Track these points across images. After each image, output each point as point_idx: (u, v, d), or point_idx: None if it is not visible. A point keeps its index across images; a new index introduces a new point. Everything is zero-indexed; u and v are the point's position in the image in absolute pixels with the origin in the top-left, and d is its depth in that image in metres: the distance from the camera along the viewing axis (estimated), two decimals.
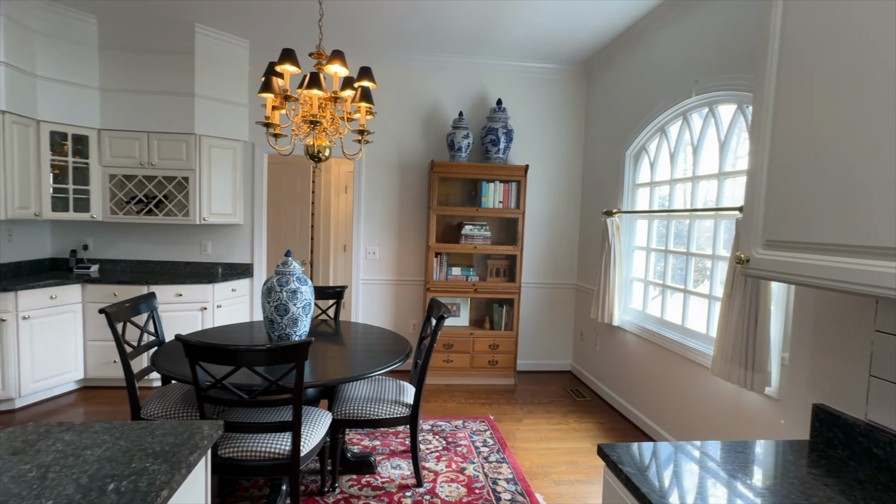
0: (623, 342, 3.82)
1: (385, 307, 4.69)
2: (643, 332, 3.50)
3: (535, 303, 4.80)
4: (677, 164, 3.32)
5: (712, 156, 3.00)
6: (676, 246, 3.34)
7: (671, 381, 3.16)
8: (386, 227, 4.64)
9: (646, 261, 3.65)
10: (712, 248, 2.90)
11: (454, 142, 4.28)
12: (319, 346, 2.66)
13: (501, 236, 4.65)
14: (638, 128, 3.66)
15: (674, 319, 3.27)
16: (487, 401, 4.02)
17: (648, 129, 3.54)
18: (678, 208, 3.24)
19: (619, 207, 3.92)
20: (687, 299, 3.12)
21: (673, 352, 3.14)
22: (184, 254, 4.49)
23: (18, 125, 3.54)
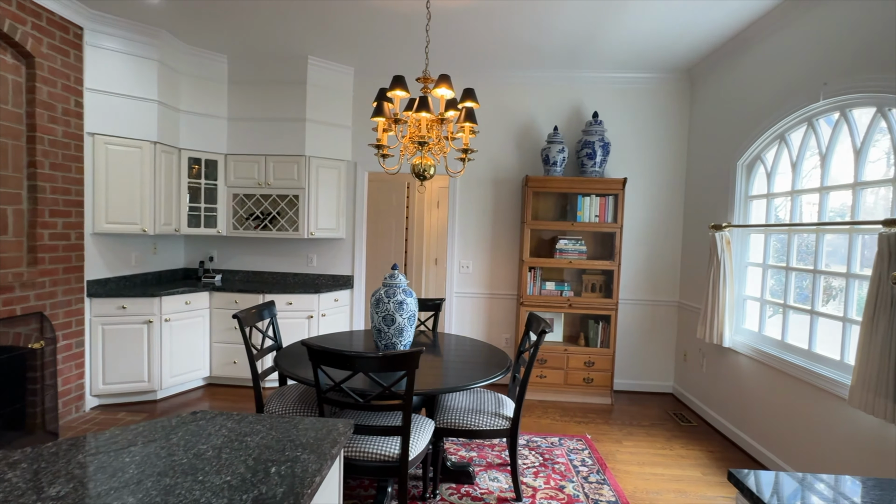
0: (735, 365, 3.55)
1: (478, 320, 4.74)
2: (760, 355, 3.23)
3: (634, 320, 4.61)
4: (800, 174, 3.05)
5: (844, 164, 2.73)
6: (800, 263, 3.06)
7: (796, 411, 2.88)
8: (479, 242, 4.71)
9: (762, 278, 3.38)
10: (847, 266, 2.62)
11: (549, 156, 4.28)
12: (427, 354, 2.76)
13: (597, 251, 4.53)
14: (752, 136, 3.42)
15: (798, 343, 2.98)
16: (583, 419, 3.90)
17: (765, 138, 3.30)
18: (805, 222, 2.97)
19: (729, 221, 3.67)
20: (815, 322, 2.84)
21: (798, 379, 2.86)
22: (292, 265, 4.88)
23: (166, 153, 4.09)
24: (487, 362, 2.68)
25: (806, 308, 2.92)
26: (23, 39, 3.08)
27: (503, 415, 2.64)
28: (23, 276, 3.09)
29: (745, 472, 1.25)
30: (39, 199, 3.23)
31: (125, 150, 3.80)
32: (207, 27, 3.79)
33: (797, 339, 3.03)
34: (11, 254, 3.10)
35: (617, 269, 4.22)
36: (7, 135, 3.06)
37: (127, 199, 3.83)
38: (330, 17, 3.52)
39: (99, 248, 3.82)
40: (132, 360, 3.81)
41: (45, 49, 3.24)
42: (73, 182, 3.50)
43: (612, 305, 4.25)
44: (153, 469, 1.11)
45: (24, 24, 3.09)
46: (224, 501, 0.99)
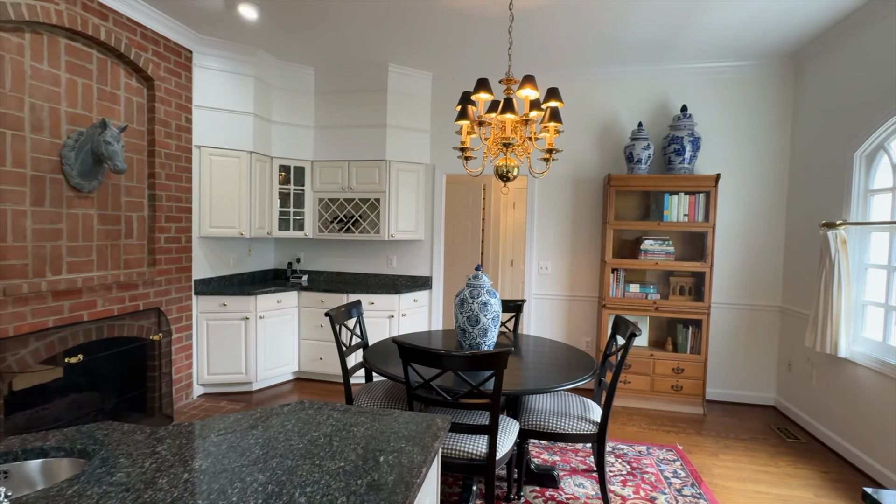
0: (853, 378, 3.20)
1: (557, 322, 4.65)
2: (885, 367, 2.89)
3: (728, 325, 4.30)
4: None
5: None
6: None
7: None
8: (558, 243, 4.62)
9: (887, 282, 3.02)
10: None
11: (633, 154, 4.11)
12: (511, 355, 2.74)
13: (686, 252, 4.28)
14: (873, 124, 3.08)
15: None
16: (672, 428, 3.69)
17: (890, 125, 2.96)
18: None
19: (844, 218, 3.32)
20: None
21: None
22: (373, 266, 5.05)
23: (260, 162, 4.40)
24: (571, 365, 2.62)
25: None
26: (145, 65, 3.45)
27: (590, 419, 2.56)
28: (144, 275, 3.45)
29: (886, 492, 1.12)
30: (157, 207, 3.60)
31: (225, 160, 4.14)
32: (297, 42, 4.03)
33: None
34: (136, 255, 3.48)
35: (709, 270, 3.96)
36: (133, 150, 3.44)
37: (227, 205, 4.16)
38: (410, 25, 3.62)
39: (203, 250, 4.18)
40: (232, 353, 4.13)
41: (162, 72, 3.61)
42: (183, 190, 3.86)
43: (703, 309, 3.99)
44: (275, 451, 1.20)
45: (146, 51, 3.46)
46: (341, 484, 1.05)
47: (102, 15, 3.11)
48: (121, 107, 3.33)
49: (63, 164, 2.91)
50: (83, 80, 3.05)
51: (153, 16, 3.45)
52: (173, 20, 3.61)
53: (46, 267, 2.85)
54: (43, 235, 2.83)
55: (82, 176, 3.00)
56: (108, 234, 3.25)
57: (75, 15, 2.93)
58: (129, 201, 3.41)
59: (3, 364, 2.60)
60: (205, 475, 1.10)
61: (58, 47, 2.90)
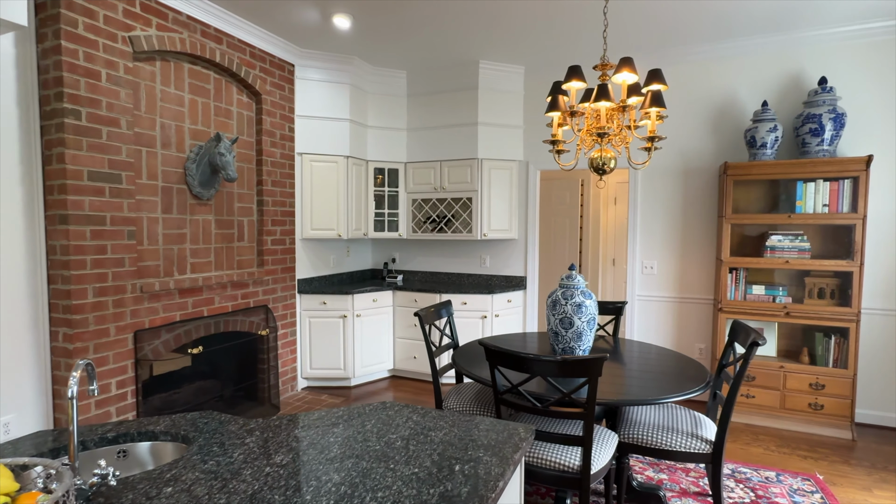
0: None
1: (664, 326, 4.25)
2: None
3: (886, 335, 3.60)
4: None
5: None
6: None
7: None
8: (665, 240, 4.22)
9: None
10: None
11: (755, 138, 3.61)
12: (609, 361, 2.53)
13: (826, 248, 3.67)
14: None
15: None
16: (810, 454, 3.17)
17: None
18: None
19: None
20: None
21: None
22: (466, 266, 5.02)
23: (356, 165, 4.57)
24: (680, 375, 2.33)
25: None
26: (254, 81, 3.74)
27: (702, 436, 2.26)
28: (254, 275, 3.74)
29: None
30: (265, 211, 3.88)
31: (325, 166, 4.36)
32: (388, 47, 4.12)
33: None
34: (246, 257, 3.78)
35: (858, 270, 3.35)
36: (244, 160, 3.75)
37: (326, 209, 4.38)
38: (500, 18, 3.52)
39: (306, 251, 4.44)
40: (331, 349, 4.33)
41: (268, 87, 3.89)
42: (287, 196, 4.13)
43: (850, 316, 3.38)
44: (352, 451, 1.17)
45: (254, 68, 3.75)
46: (413, 492, 0.99)
47: (217, 39, 3.42)
48: (233, 121, 3.65)
49: (186, 175, 3.25)
50: (203, 98, 3.38)
51: (259, 34, 3.73)
52: (277, 37, 3.87)
53: (174, 267, 3.20)
54: (171, 239, 3.17)
55: (202, 185, 3.32)
56: (223, 238, 3.57)
57: (196, 41, 3.25)
58: (241, 207, 3.72)
59: (141, 353, 2.95)
60: (284, 470, 1.10)
61: (182, 72, 3.24)
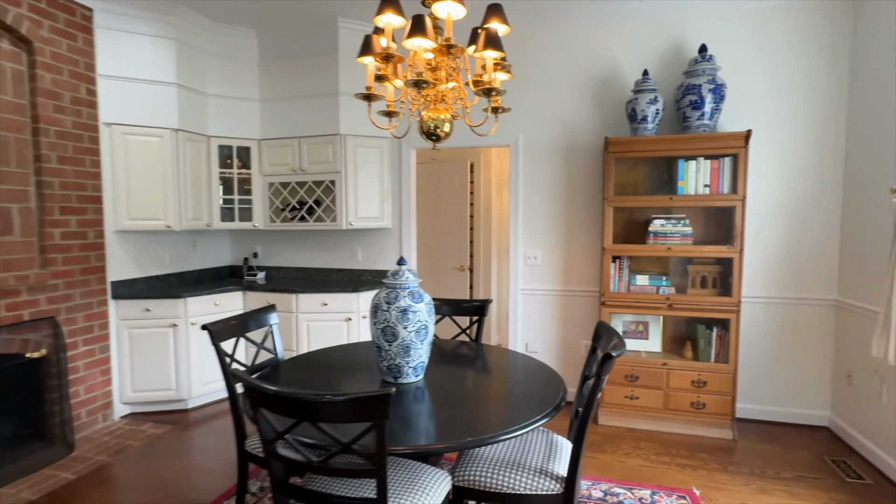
0: None
1: (550, 323, 3.84)
2: None
3: (765, 325, 3.39)
4: None
5: None
6: None
7: None
8: (549, 227, 3.80)
9: None
10: None
11: (636, 110, 3.23)
12: (446, 379, 1.99)
13: (708, 233, 3.39)
14: None
15: None
16: (690, 461, 2.86)
17: None
18: None
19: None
20: None
21: None
22: (337, 260, 4.36)
23: (191, 142, 3.75)
24: (528, 397, 1.85)
25: None
26: (16, 22, 2.82)
27: (552, 473, 1.79)
28: (29, 279, 2.86)
29: None
30: (48, 196, 2.99)
31: (144, 140, 3.50)
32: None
33: None
34: (19, 255, 2.89)
35: (738, 256, 3.07)
36: (8, 127, 2.83)
37: (149, 194, 3.53)
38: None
39: (125, 246, 3.58)
40: (159, 366, 3.52)
41: (45, 33, 2.98)
42: (88, 176, 3.25)
43: (731, 306, 3.11)
44: None
45: (18, 5, 2.83)
46: None
47: None
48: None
49: None
50: None
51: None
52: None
53: None
54: None
55: None
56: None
57: None
58: (7, 190, 2.82)
59: None
60: None
61: None
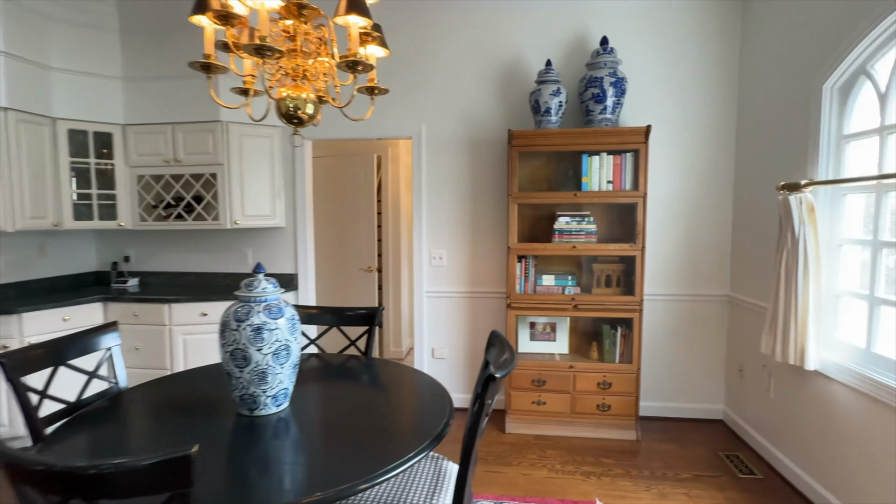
0: (824, 397, 2.33)
1: (457, 327, 3.63)
2: (871, 386, 2.01)
3: (666, 322, 3.40)
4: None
5: None
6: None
7: None
8: (455, 225, 3.58)
9: (873, 263, 2.13)
10: None
11: (539, 102, 3.09)
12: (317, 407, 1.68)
13: (613, 231, 3.34)
14: (849, 41, 2.15)
15: None
16: (595, 468, 2.76)
17: (874, 38, 2.04)
18: None
19: (810, 177, 2.42)
20: None
21: None
22: (224, 263, 3.88)
23: (27, 124, 3.11)
24: (418, 422, 1.59)
25: None
26: None
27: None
28: None
29: None
30: None
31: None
32: None
33: None
34: None
35: (640, 253, 3.02)
36: None
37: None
38: None
39: None
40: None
41: None
42: None
43: (634, 304, 3.06)
44: None
45: None
46: None
47: None
48: None
49: None
50: None
51: None
52: None
53: None
54: None
55: None
56: None
57: None
58: None
59: None
60: None
61: None
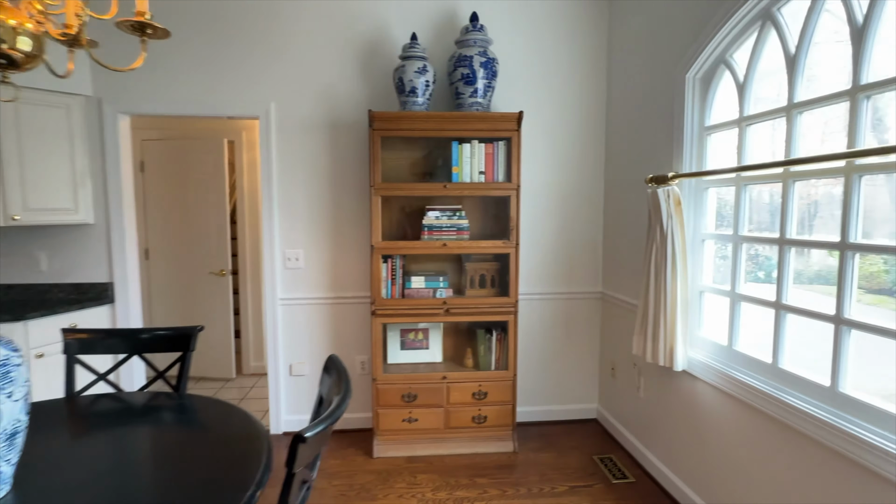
0: (691, 396, 2.27)
1: (319, 339, 3.15)
2: (733, 385, 1.95)
3: (542, 322, 3.25)
4: (801, 74, 1.73)
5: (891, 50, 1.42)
6: (808, 230, 1.77)
7: (806, 487, 1.61)
8: (313, 220, 3.10)
9: (734, 258, 2.08)
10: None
11: (404, 80, 2.72)
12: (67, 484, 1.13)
13: (486, 226, 3.10)
14: (710, 27, 2.08)
15: (809, 371, 1.71)
16: (469, 491, 2.49)
17: (732, 25, 1.97)
18: (818, 156, 1.63)
19: (676, 169, 2.35)
20: (843, 337, 1.55)
21: (808, 437, 1.59)
22: (8, 272, 2.98)
23: None
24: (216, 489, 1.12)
25: (828, 315, 1.63)
26: None
27: None
28: None
29: None
30: None
31: None
32: None
33: (805, 361, 1.76)
34: None
35: (514, 251, 2.80)
36: None
37: None
38: None
39: None
40: None
41: None
42: None
43: (509, 306, 2.84)
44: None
45: None
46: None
47: None
48: None
49: None
50: None
51: None
52: None
53: None
54: None
55: None
56: None
57: None
58: None
59: None
60: None
61: None
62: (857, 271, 1.52)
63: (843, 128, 1.54)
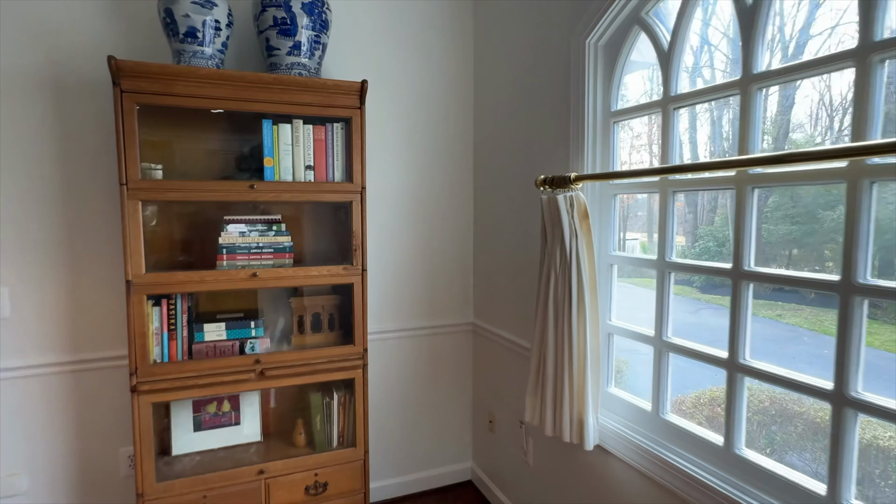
0: (600, 475, 1.69)
1: (51, 426, 1.95)
2: (664, 471, 1.39)
3: (398, 368, 2.47)
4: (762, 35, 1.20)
5: None
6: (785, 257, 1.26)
7: None
8: (29, 241, 1.89)
9: (659, 291, 1.52)
10: None
11: (176, 16, 1.70)
12: None
13: (319, 245, 2.21)
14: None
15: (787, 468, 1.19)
16: None
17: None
18: (801, 152, 1.10)
19: (576, 168, 1.75)
20: None
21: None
22: None
23: None
24: None
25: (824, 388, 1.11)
26: None
27: None
28: None
29: None
30: None
31: None
32: None
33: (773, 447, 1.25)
34: None
35: (360, 278, 1.97)
36: None
37: None
38: None
39: None
40: None
41: None
42: None
43: (355, 357, 2.00)
44: None
45: None
46: None
47: None
48: None
49: None
50: None
51: None
52: None
53: None
54: None
55: None
56: None
57: None
58: None
59: None
60: None
61: None
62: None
63: (841, 108, 1.03)
